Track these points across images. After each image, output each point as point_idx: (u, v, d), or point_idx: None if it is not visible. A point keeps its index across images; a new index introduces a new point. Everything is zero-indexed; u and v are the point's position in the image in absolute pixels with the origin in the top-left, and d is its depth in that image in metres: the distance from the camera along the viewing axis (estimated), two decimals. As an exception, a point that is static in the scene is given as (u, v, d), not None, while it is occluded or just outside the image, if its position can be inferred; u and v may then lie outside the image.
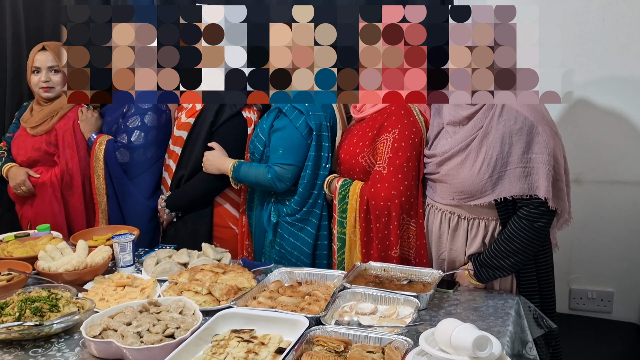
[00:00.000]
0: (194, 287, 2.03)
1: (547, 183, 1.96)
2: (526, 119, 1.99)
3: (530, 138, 1.98)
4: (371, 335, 1.66)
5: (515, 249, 2.02)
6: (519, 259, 2.04)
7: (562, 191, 2.02)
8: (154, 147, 2.86)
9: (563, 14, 2.71)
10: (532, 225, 1.99)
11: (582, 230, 2.83)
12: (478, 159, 2.06)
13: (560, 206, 2.01)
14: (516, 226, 2.02)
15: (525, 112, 2.00)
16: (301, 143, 2.43)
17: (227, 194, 2.70)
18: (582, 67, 2.77)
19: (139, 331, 1.70)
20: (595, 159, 2.82)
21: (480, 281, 2.12)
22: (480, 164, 2.05)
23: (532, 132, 1.98)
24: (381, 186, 2.24)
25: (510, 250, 2.03)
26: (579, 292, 2.93)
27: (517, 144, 1.99)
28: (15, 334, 1.74)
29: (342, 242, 2.38)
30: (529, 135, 1.98)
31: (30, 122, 2.98)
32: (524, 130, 1.99)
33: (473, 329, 1.47)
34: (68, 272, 2.16)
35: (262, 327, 1.78)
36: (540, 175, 1.96)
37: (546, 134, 1.98)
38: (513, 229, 2.02)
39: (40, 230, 2.68)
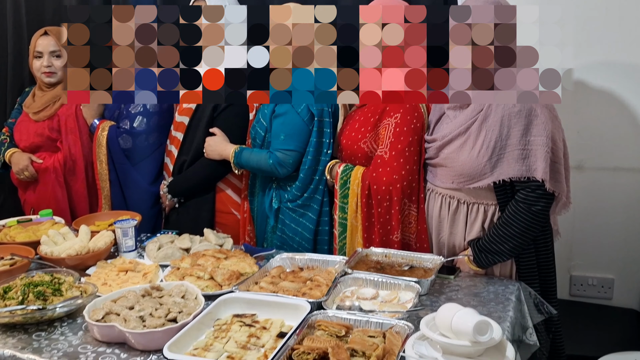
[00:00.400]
0: (196, 272, 2.04)
1: (544, 165, 1.96)
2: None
3: (529, 121, 1.98)
4: (372, 320, 1.67)
5: (513, 233, 2.03)
6: (517, 243, 2.04)
7: (560, 174, 2.02)
8: (156, 132, 2.86)
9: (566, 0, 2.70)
10: (530, 208, 2.00)
11: (583, 217, 2.83)
12: (477, 142, 2.06)
13: (557, 188, 2.01)
14: (514, 210, 2.02)
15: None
16: (303, 129, 2.43)
17: (229, 180, 2.70)
18: (584, 53, 2.76)
19: (141, 315, 1.71)
20: (597, 146, 2.81)
21: (479, 267, 2.12)
22: (479, 146, 2.05)
23: (530, 114, 1.99)
24: (383, 171, 2.24)
25: (508, 234, 2.03)
26: (580, 279, 2.94)
27: (516, 127, 2.00)
28: (18, 317, 1.75)
29: (343, 228, 2.38)
30: (527, 118, 1.98)
31: (32, 108, 2.99)
32: (522, 113, 1.99)
33: (474, 313, 1.48)
34: (70, 257, 2.17)
35: (264, 312, 1.79)
36: (538, 157, 1.97)
37: (545, 116, 1.98)
38: (511, 213, 2.03)
39: (42, 215, 2.69)
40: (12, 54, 3.39)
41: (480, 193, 2.11)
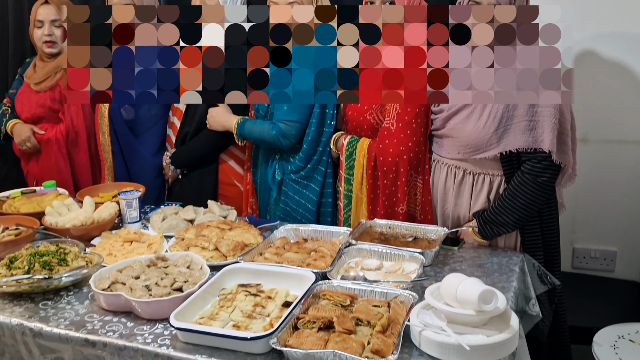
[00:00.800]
0: (200, 242, 2.04)
1: (551, 136, 1.95)
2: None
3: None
4: (377, 290, 1.67)
5: (519, 205, 2.03)
6: (522, 214, 2.04)
7: (566, 145, 2.01)
8: (158, 104, 2.84)
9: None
10: (536, 179, 1.99)
11: (586, 190, 2.83)
12: (484, 113, 2.05)
13: (564, 160, 2.00)
14: (520, 181, 2.02)
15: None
16: (306, 100, 2.42)
17: (232, 151, 2.70)
18: (589, 25, 2.73)
19: (147, 284, 1.72)
20: (602, 118, 2.80)
21: (484, 238, 2.13)
22: (486, 117, 2.04)
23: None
24: (390, 142, 2.23)
25: (514, 205, 2.03)
26: (582, 251, 2.95)
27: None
28: (25, 286, 1.77)
29: (348, 200, 2.39)
30: (535, 90, 1.97)
31: (33, 79, 2.97)
32: None
33: (479, 283, 1.49)
34: (75, 228, 2.18)
35: (269, 282, 1.80)
36: (545, 128, 1.96)
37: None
38: (517, 184, 2.03)
39: (46, 187, 2.69)
40: (12, 25, 3.36)
41: (486, 164, 2.11)
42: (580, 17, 2.71)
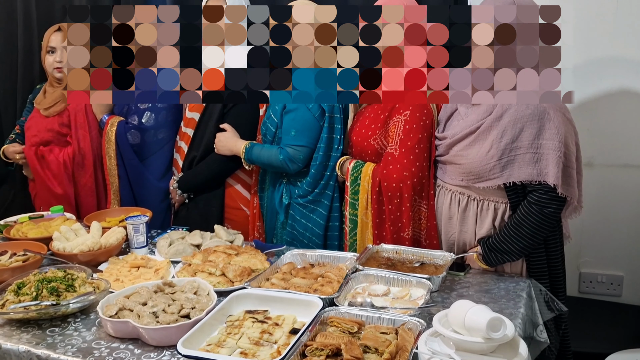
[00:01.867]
0: (207, 268, 2.05)
1: (556, 170, 1.95)
2: (539, 104, 1.98)
3: (542, 124, 1.97)
4: (384, 317, 1.67)
5: (524, 234, 2.03)
6: (528, 243, 2.04)
7: (572, 178, 2.01)
8: (164, 128, 2.87)
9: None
10: (542, 210, 1.99)
11: (592, 214, 2.83)
12: (487, 141, 2.06)
13: (569, 193, 2.00)
14: (526, 211, 2.02)
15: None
16: (313, 124, 2.44)
17: (239, 175, 2.71)
18: (594, 49, 2.75)
19: (154, 311, 1.72)
20: (606, 143, 2.81)
21: (489, 265, 2.12)
22: (489, 146, 2.05)
23: (543, 117, 1.97)
24: (393, 168, 2.24)
25: (519, 235, 2.03)
26: (589, 276, 2.94)
27: (528, 129, 1.99)
28: (32, 313, 1.77)
29: (353, 224, 2.39)
30: (540, 120, 1.97)
31: (43, 104, 3.01)
32: (535, 116, 1.98)
33: (487, 310, 1.48)
34: (83, 253, 2.18)
35: (276, 308, 1.80)
36: (550, 162, 1.96)
37: (558, 120, 1.97)
38: (523, 214, 2.02)
39: (53, 211, 2.70)
40: (22, 51, 3.40)
41: (490, 191, 2.11)
42: (584, 41, 2.74)
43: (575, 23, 2.69)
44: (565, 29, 2.00)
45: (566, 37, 2.18)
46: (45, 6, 3.41)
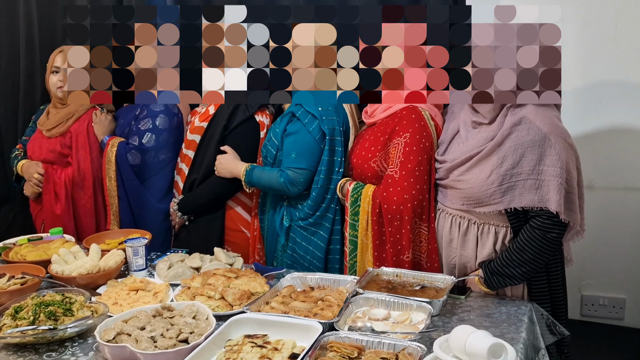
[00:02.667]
0: (206, 291, 2.04)
1: (558, 197, 1.94)
2: (540, 130, 1.97)
3: (543, 150, 1.96)
4: (385, 341, 1.66)
5: (526, 259, 2.01)
6: (530, 268, 2.03)
7: (574, 204, 2.00)
8: (165, 149, 2.88)
9: (576, 18, 2.70)
10: (545, 235, 1.98)
11: (594, 237, 2.81)
12: (487, 167, 2.05)
13: (572, 219, 1.99)
14: (528, 236, 2.01)
15: (539, 123, 1.98)
16: (314, 147, 2.44)
17: (239, 198, 2.71)
18: (594, 72, 2.77)
19: (152, 336, 1.71)
20: (607, 166, 2.81)
21: (490, 288, 2.11)
22: (489, 171, 2.04)
23: (544, 144, 1.96)
24: (393, 190, 2.24)
25: (521, 259, 2.02)
26: (591, 299, 2.92)
27: (529, 155, 1.98)
28: (29, 337, 1.75)
29: (354, 245, 2.38)
30: (541, 147, 1.97)
31: (46, 125, 3.02)
32: (536, 142, 1.97)
33: (488, 336, 1.47)
34: (81, 276, 2.17)
35: (276, 333, 1.78)
36: (552, 188, 1.95)
37: (559, 145, 1.96)
38: (525, 239, 2.01)
39: (53, 233, 2.69)
40: (24, 73, 3.42)
41: (491, 215, 2.10)
42: (584, 65, 2.75)
43: (575, 47, 2.71)
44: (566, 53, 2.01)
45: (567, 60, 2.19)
46: (48, 29, 3.43)
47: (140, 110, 2.91)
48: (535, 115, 2.00)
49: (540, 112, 2.01)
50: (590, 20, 2.74)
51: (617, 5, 2.71)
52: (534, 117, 2.00)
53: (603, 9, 2.73)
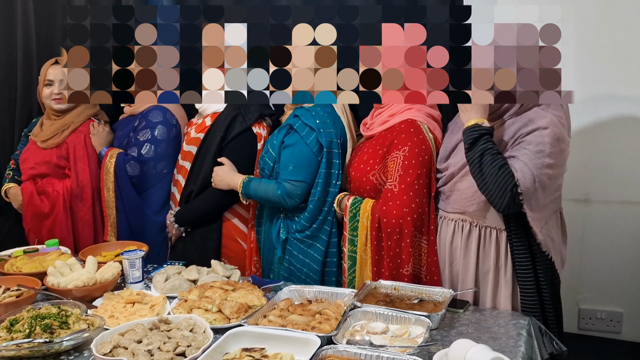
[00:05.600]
0: (204, 304, 2.02)
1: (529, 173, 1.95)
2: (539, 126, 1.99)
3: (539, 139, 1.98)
4: (383, 355, 1.65)
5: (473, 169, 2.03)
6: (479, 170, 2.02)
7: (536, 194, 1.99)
8: (163, 160, 2.87)
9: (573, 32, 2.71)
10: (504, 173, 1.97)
11: (591, 250, 2.83)
12: None
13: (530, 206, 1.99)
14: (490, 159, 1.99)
15: (540, 122, 1.99)
16: (311, 160, 2.44)
17: (236, 210, 2.70)
18: (591, 86, 2.78)
19: (150, 349, 1.69)
20: (604, 179, 2.81)
21: (464, 132, 2.08)
22: None
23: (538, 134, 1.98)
24: (393, 204, 2.24)
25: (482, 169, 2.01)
26: (588, 312, 2.91)
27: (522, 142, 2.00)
28: (25, 351, 1.74)
29: (352, 261, 2.37)
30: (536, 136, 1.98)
31: (40, 136, 3.01)
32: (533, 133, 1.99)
33: (487, 350, 1.47)
34: (77, 289, 2.16)
35: (273, 346, 1.77)
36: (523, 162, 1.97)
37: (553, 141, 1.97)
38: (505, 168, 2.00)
39: (48, 245, 2.68)
40: (21, 86, 3.41)
41: (491, 217, 2.12)
42: (581, 79, 2.76)
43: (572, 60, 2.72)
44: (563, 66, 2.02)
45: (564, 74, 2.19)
46: (45, 41, 3.43)
47: (139, 121, 2.91)
48: (537, 115, 2.02)
49: (543, 113, 2.02)
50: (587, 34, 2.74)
51: (615, 20, 2.72)
52: (535, 117, 2.02)
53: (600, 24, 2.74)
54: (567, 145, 2.04)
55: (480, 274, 2.18)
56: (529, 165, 1.96)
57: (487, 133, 2.03)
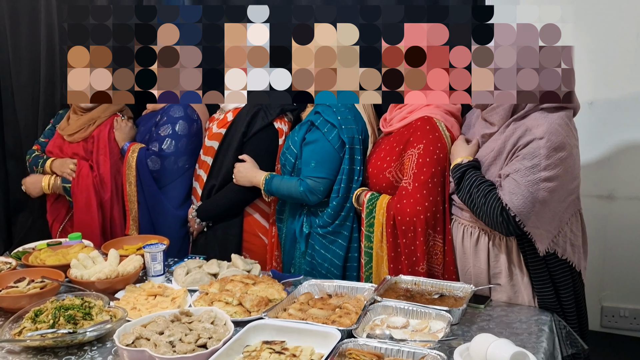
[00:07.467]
0: (224, 297, 2.04)
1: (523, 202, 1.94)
2: (534, 137, 1.95)
3: (533, 156, 1.94)
4: (404, 349, 1.64)
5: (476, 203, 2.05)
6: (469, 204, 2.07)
7: (542, 217, 1.97)
8: (185, 156, 2.89)
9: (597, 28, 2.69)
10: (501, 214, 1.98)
11: (614, 247, 2.79)
12: (491, 177, 2.07)
13: (534, 232, 1.98)
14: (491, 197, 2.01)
15: (536, 130, 1.95)
16: (334, 156, 2.43)
17: (257, 204, 2.71)
18: (615, 82, 2.75)
19: (171, 340, 1.71)
20: (628, 175, 2.78)
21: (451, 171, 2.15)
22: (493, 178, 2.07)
23: (535, 150, 1.94)
24: (407, 202, 2.23)
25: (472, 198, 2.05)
26: (611, 310, 2.88)
27: (519, 160, 1.97)
28: (49, 341, 1.76)
29: (369, 257, 2.37)
30: (531, 152, 1.94)
31: (67, 130, 3.05)
32: (528, 148, 1.95)
33: (510, 344, 1.46)
34: (100, 281, 2.18)
35: (294, 339, 1.78)
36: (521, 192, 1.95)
37: (551, 154, 1.92)
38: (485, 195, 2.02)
39: (71, 239, 2.71)
40: (44, 81, 3.45)
41: None
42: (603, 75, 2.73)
43: (595, 57, 2.69)
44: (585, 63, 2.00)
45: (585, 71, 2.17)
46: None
47: (160, 116, 2.93)
48: (534, 123, 1.98)
49: (541, 121, 1.97)
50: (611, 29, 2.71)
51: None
52: (532, 125, 1.98)
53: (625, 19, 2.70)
54: (568, 152, 1.96)
55: (492, 276, 2.16)
56: (521, 185, 1.94)
57: (469, 167, 2.10)
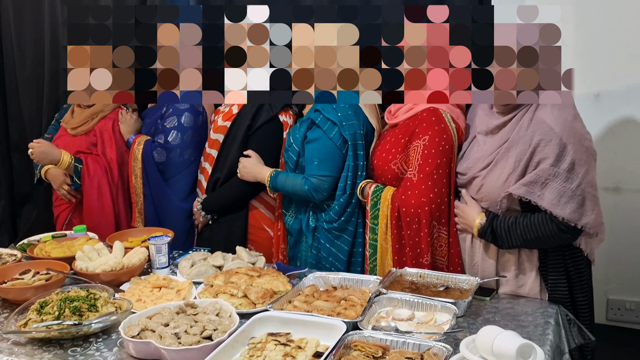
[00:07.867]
0: (229, 289, 2.03)
1: (573, 206, 1.93)
2: (553, 132, 1.94)
3: (558, 153, 1.94)
4: (409, 341, 1.64)
5: (529, 238, 2.01)
6: (524, 245, 2.05)
7: (585, 207, 1.96)
8: (190, 148, 2.89)
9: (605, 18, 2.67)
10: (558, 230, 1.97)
11: (620, 239, 2.78)
12: (504, 172, 2.05)
13: (585, 223, 1.96)
14: (540, 221, 1.99)
15: (553, 124, 1.95)
16: (336, 154, 2.42)
17: (262, 197, 2.71)
18: (621, 73, 2.73)
19: (176, 332, 1.71)
20: (634, 167, 2.76)
21: (480, 236, 2.12)
22: (505, 176, 2.04)
23: (559, 147, 1.94)
24: (411, 193, 2.22)
25: (524, 238, 2.02)
26: (617, 303, 2.87)
27: (544, 158, 1.96)
28: (54, 332, 1.76)
29: (373, 249, 2.36)
30: (555, 150, 1.94)
31: (71, 124, 3.05)
32: (550, 144, 1.95)
33: (516, 336, 1.45)
34: (105, 273, 2.18)
35: (299, 331, 1.78)
36: (565, 196, 1.94)
37: (574, 149, 1.93)
38: (538, 222, 2.00)
39: (76, 231, 2.72)
40: (48, 74, 3.46)
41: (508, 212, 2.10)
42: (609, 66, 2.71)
43: (601, 48, 2.67)
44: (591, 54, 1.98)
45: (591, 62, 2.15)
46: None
47: (166, 108, 2.93)
48: (549, 116, 1.98)
49: (555, 113, 1.98)
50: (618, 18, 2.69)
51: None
52: (547, 118, 1.98)
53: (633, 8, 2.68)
54: (584, 137, 1.98)
55: (500, 265, 2.15)
56: (567, 190, 1.94)
57: (492, 220, 2.08)
